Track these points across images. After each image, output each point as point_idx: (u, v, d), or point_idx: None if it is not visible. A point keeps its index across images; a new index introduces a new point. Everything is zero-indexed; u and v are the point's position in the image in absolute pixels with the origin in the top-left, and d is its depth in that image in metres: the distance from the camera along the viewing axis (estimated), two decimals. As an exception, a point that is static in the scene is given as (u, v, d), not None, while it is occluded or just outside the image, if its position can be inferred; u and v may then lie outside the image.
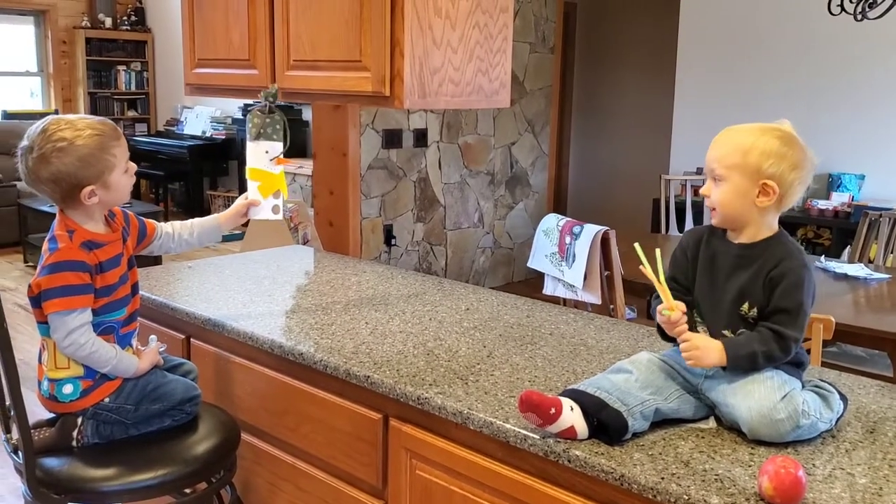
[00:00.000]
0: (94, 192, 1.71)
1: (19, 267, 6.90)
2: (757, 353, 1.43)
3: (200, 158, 8.64)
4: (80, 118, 1.73)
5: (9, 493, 3.14)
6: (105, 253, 1.74)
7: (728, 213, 1.51)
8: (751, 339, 1.45)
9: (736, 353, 1.44)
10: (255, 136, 2.05)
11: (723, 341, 1.46)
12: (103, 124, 1.74)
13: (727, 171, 1.48)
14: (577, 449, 1.40)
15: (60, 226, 1.73)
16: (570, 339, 2.01)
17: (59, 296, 1.66)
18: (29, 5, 9.10)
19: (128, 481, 1.70)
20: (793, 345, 1.44)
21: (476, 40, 2.25)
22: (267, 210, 2.08)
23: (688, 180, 5.40)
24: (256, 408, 2.07)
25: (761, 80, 5.61)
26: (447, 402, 1.60)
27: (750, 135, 1.48)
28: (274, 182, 2.05)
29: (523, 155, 6.65)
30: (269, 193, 2.05)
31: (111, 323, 1.77)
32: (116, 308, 1.77)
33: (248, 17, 2.47)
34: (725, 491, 1.26)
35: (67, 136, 1.67)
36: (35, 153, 1.67)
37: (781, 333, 1.43)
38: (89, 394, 1.75)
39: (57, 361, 1.74)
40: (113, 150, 1.72)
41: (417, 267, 5.87)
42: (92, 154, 1.68)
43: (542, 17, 6.52)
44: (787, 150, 1.45)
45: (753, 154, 1.46)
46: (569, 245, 3.47)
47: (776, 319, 1.44)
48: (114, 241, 1.79)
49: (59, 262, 1.67)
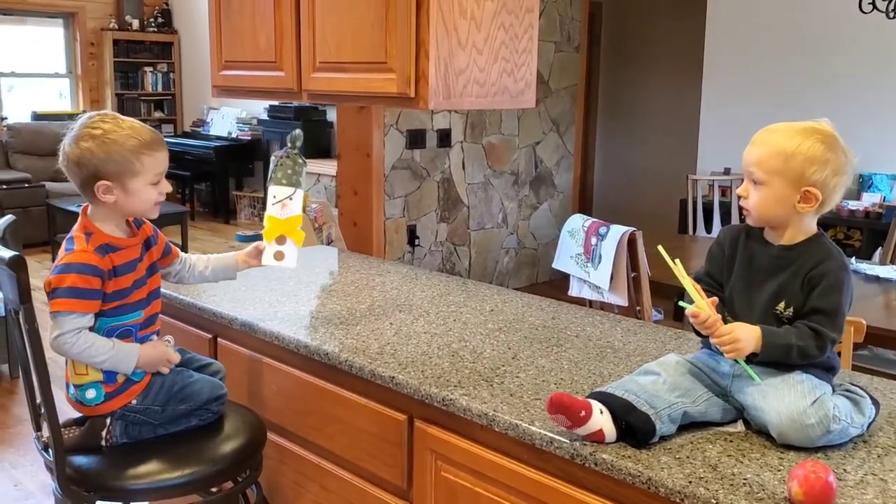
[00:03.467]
0: (111, 189, 1.70)
1: (48, 266, 7.00)
2: (793, 346, 1.41)
3: (226, 159, 8.71)
4: (131, 120, 1.75)
5: (38, 490, 3.19)
6: (121, 257, 1.74)
7: (765, 217, 1.49)
8: (789, 332, 1.43)
9: (772, 342, 1.41)
10: (272, 179, 2.06)
11: (761, 328, 1.43)
12: (148, 132, 1.74)
13: (767, 176, 1.45)
14: (604, 452, 1.39)
15: (80, 227, 1.74)
16: (596, 341, 2.00)
17: (63, 296, 1.66)
18: (58, 7, 9.22)
19: (155, 480, 1.72)
20: (829, 345, 1.42)
21: (501, 41, 2.24)
22: (269, 255, 2.04)
23: (715, 181, 5.35)
24: (282, 408, 2.08)
25: (790, 80, 5.55)
26: (472, 403, 1.60)
27: (792, 138, 1.44)
28: (278, 227, 2.02)
29: (548, 155, 6.63)
30: (272, 239, 2.03)
31: (129, 326, 1.77)
32: (131, 311, 1.77)
33: (275, 19, 2.49)
34: (754, 495, 1.25)
35: (104, 128, 1.69)
36: (72, 133, 1.71)
37: (820, 332, 1.42)
38: (115, 397, 1.76)
39: (76, 367, 1.75)
40: (143, 158, 1.71)
41: (441, 267, 5.87)
42: (119, 152, 1.69)
43: (567, 17, 6.49)
44: (830, 154, 1.43)
45: (797, 160, 1.43)
46: (595, 246, 3.45)
47: (814, 319, 1.43)
48: (132, 245, 1.78)
49: (70, 264, 1.68)
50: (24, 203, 7.45)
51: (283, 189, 2.04)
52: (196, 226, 8.48)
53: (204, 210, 9.24)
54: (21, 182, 7.78)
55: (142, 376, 1.78)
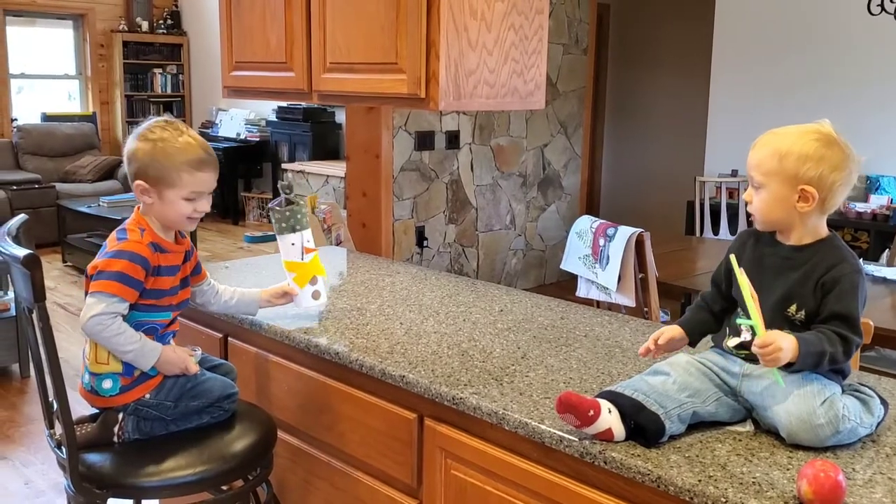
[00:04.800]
0: (148, 192, 1.76)
1: (58, 267, 7.03)
2: (825, 353, 1.39)
3: (235, 160, 8.74)
4: (192, 135, 1.80)
5: (50, 489, 3.21)
6: (166, 259, 1.79)
7: (768, 220, 1.49)
8: (820, 339, 1.40)
9: (807, 350, 1.39)
10: (279, 230, 2.09)
11: (796, 336, 1.39)
12: (200, 151, 1.78)
13: (765, 178, 1.46)
14: (614, 450, 1.40)
15: (134, 222, 1.79)
16: (604, 341, 2.00)
17: (110, 278, 1.69)
18: (68, 9, 9.27)
19: (167, 477, 1.73)
20: (854, 350, 1.42)
21: (511, 42, 2.25)
22: (307, 298, 2.11)
23: (723, 182, 5.35)
24: (293, 406, 2.09)
25: (798, 82, 5.54)
26: (482, 402, 1.61)
27: (787, 138, 1.46)
28: (307, 271, 2.09)
29: (556, 157, 6.63)
30: (306, 282, 2.10)
31: (155, 324, 1.81)
32: (162, 311, 1.81)
33: (286, 19, 2.50)
34: (764, 494, 1.25)
35: (162, 136, 1.76)
36: (137, 130, 1.79)
37: (846, 338, 1.41)
38: (129, 391, 1.78)
39: (98, 356, 1.77)
40: (183, 173, 1.75)
41: (449, 269, 5.88)
42: (162, 161, 1.75)
43: (575, 19, 6.50)
44: (825, 151, 1.43)
45: (790, 159, 1.43)
46: (602, 247, 3.46)
47: (836, 325, 1.41)
48: (177, 252, 1.83)
49: (123, 251, 1.72)
50: (34, 204, 7.49)
51: (294, 236, 2.09)
52: (204, 227, 8.51)
53: (213, 211, 9.25)
54: (31, 183, 7.83)
55: (156, 372, 1.80)
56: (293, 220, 2.09)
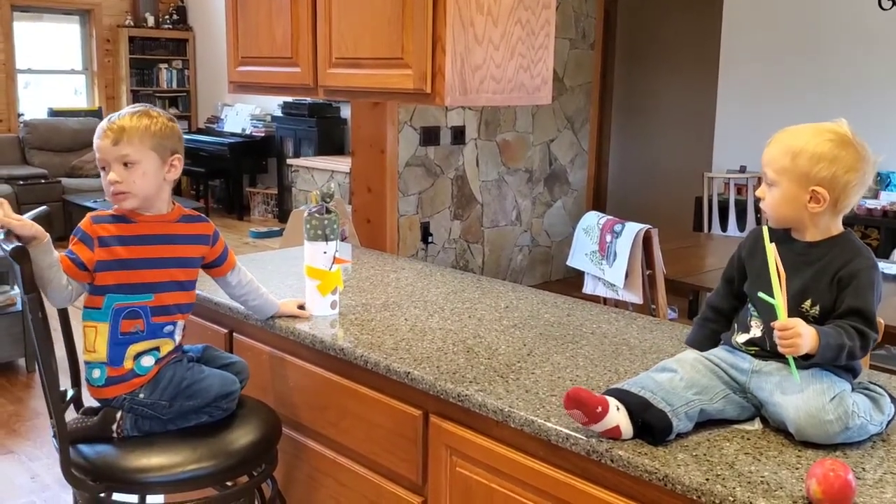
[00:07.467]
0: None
1: (64, 261, 7.03)
2: (845, 347, 1.38)
3: (240, 156, 8.74)
4: (129, 108, 1.83)
5: (55, 483, 3.21)
6: (129, 230, 1.78)
7: (780, 218, 1.48)
8: (840, 332, 1.39)
9: (828, 342, 1.37)
10: (312, 237, 2.10)
11: (817, 329, 1.38)
12: (105, 120, 1.81)
13: (777, 176, 1.45)
14: (621, 449, 1.39)
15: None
16: (611, 338, 1.99)
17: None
18: (74, 4, 9.28)
19: (171, 472, 1.73)
20: (871, 344, 1.41)
21: (518, 37, 2.24)
22: (326, 306, 2.12)
23: (731, 178, 5.32)
24: (297, 402, 2.09)
25: (807, 77, 5.51)
26: (488, 399, 1.60)
27: (801, 137, 1.45)
28: (331, 280, 2.11)
29: (562, 152, 6.61)
30: (328, 291, 2.11)
31: (136, 307, 1.77)
32: (137, 292, 1.77)
33: (292, 14, 2.49)
34: (772, 493, 1.24)
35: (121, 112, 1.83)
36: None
37: (864, 333, 1.40)
38: (118, 384, 1.77)
39: (86, 344, 1.78)
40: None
41: (454, 265, 5.87)
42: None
43: (582, 13, 6.47)
44: (839, 152, 1.41)
45: (803, 158, 1.42)
46: (609, 243, 3.44)
47: (853, 320, 1.40)
48: (152, 222, 1.81)
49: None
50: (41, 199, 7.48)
51: (326, 245, 2.09)
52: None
53: (218, 207, 9.27)
54: (38, 178, 7.84)
55: (148, 369, 1.79)
56: (328, 228, 2.09)
